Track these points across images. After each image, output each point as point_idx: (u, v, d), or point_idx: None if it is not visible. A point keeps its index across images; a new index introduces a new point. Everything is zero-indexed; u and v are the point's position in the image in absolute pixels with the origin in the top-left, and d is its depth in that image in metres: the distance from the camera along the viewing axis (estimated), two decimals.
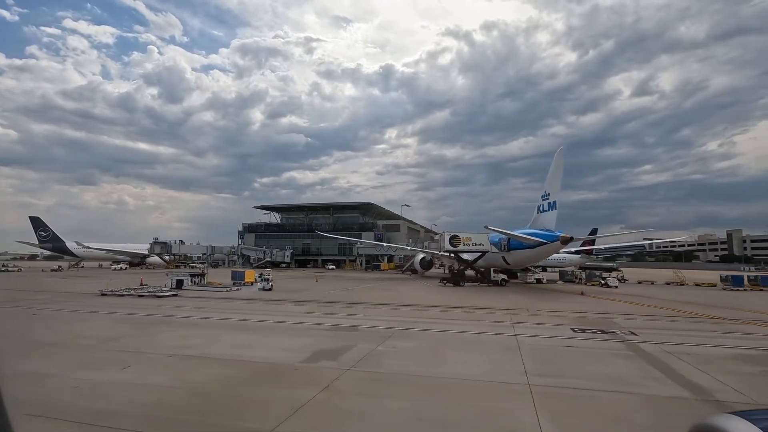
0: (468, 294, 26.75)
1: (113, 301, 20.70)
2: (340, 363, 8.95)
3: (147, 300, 21.17)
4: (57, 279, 39.52)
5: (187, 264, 76.45)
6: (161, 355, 9.43)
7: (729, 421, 1.45)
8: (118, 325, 13.72)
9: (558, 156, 30.39)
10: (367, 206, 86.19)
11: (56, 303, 19.69)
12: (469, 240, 33.57)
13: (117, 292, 23.15)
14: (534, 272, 38.19)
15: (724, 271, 77.56)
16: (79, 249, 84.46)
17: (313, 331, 12.90)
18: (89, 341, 11.08)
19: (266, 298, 22.74)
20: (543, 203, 31.51)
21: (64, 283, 33.44)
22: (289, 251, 74.39)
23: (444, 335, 12.36)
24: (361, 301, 21.73)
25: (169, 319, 14.88)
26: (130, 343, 10.84)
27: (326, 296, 24.57)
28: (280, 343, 10.99)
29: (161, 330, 12.77)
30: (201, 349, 10.11)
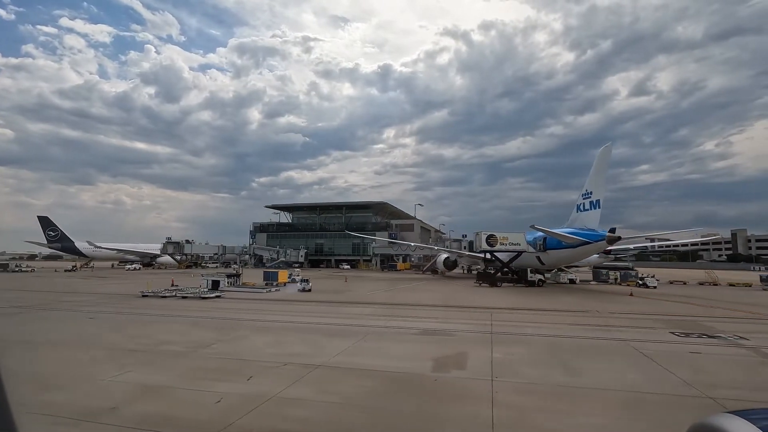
0: (516, 295, 25.97)
1: (160, 302, 19.90)
2: (475, 372, 8.22)
3: (193, 302, 20.36)
4: (78, 280, 38.64)
5: (199, 264, 75.55)
6: (275, 364, 8.65)
7: (728, 421, 1.44)
8: (193, 329, 12.94)
9: (604, 153, 29.57)
10: (380, 206, 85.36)
11: (102, 305, 18.88)
12: (505, 240, 32.85)
13: (159, 294, 22.34)
14: (567, 272, 37.51)
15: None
16: (89, 249, 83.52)
17: (407, 335, 12.13)
18: (177, 347, 10.29)
19: (313, 299, 21.96)
20: (584, 202, 30.78)
21: (91, 284, 32.61)
22: (303, 251, 73.54)
23: (552, 341, 11.58)
24: (417, 303, 20.92)
25: (240, 323, 14.08)
26: (225, 350, 10.04)
27: (372, 297, 23.79)
28: (386, 350, 10.20)
29: (245, 335, 11.97)
30: (312, 357, 9.32)
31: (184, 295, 22.09)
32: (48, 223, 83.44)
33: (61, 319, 14.96)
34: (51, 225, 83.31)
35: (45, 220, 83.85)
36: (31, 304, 18.67)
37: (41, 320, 14.57)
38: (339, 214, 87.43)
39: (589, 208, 30.12)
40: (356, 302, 21.05)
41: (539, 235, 34.34)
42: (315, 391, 7.04)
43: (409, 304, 20.24)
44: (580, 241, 28.77)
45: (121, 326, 13.40)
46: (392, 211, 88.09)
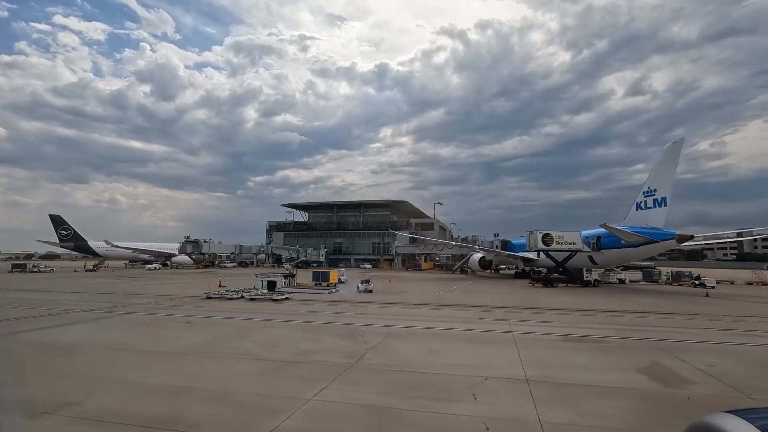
0: (591, 296, 24.84)
1: (235, 305, 18.75)
2: (713, 389, 7.16)
3: (267, 304, 19.21)
4: (112, 280, 37.40)
5: (216, 264, 74.18)
6: (472, 377, 7.56)
7: (726, 420, 1.45)
8: (315, 335, 11.80)
9: (673, 149, 28.40)
10: (399, 204, 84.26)
11: (179, 308, 17.73)
12: (561, 239, 31.84)
13: (225, 296, 21.17)
14: (616, 272, 36.54)
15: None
16: (102, 248, 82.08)
17: (562, 342, 11.06)
18: (332, 357, 9.17)
19: (385, 301, 20.86)
20: (645, 200, 29.79)
21: (136, 285, 31.37)
22: (323, 250, 72.32)
23: (733, 348, 10.53)
24: (504, 305, 19.77)
25: (357, 328, 12.94)
26: (389, 360, 8.91)
27: (444, 299, 22.69)
28: (572, 361, 9.09)
29: (384, 342, 10.79)
30: (497, 368, 8.27)
31: (252, 297, 20.92)
32: (60, 221, 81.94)
33: (160, 324, 13.79)
34: (63, 224, 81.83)
35: (57, 218, 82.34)
36: (101, 308, 17.50)
37: (142, 326, 13.40)
38: (356, 212, 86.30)
39: (653, 206, 29.13)
40: (438, 304, 19.91)
41: (591, 234, 33.42)
42: (575, 413, 5.95)
43: (498, 306, 19.14)
44: (645, 240, 27.80)
45: (237, 332, 12.26)
46: (410, 210, 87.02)
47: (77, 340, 11.08)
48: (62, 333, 12.12)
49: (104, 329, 12.65)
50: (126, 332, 12.14)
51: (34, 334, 11.76)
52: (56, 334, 11.87)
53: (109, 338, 11.21)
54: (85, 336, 11.65)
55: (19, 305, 18.33)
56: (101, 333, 12.05)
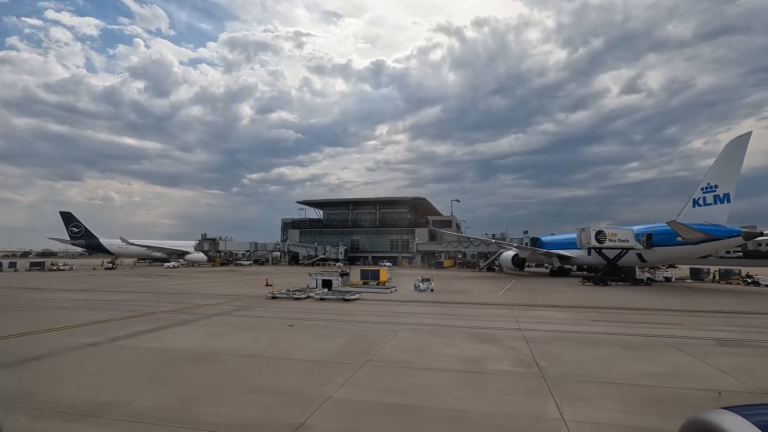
0: (657, 295, 23.99)
1: (309, 306, 17.76)
2: None
3: (345, 305, 18.21)
4: (143, 279, 36.28)
5: (232, 261, 73.05)
6: (695, 391, 6.63)
7: (722, 416, 1.46)
8: (454, 340, 10.81)
9: (738, 143, 27.38)
10: (416, 202, 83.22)
11: (256, 309, 16.72)
12: (614, 236, 30.96)
13: (293, 296, 20.16)
14: (663, 270, 35.81)
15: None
16: (114, 246, 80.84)
17: (724, 348, 10.15)
18: (500, 366, 8.24)
19: (460, 301, 19.90)
20: (704, 196, 28.92)
21: (177, 285, 30.26)
22: (342, 248, 71.21)
23: None
24: (588, 305, 18.88)
25: (480, 331, 12.00)
26: (574, 370, 7.99)
27: (512, 299, 21.76)
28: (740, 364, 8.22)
29: (548, 350, 9.84)
30: (703, 380, 7.34)
31: (321, 297, 19.93)
32: (71, 218, 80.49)
33: (264, 327, 12.77)
34: (74, 221, 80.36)
35: (67, 215, 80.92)
36: (176, 309, 16.48)
37: (247, 329, 12.36)
38: (372, 210, 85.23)
39: (713, 203, 28.28)
40: (522, 305, 18.94)
41: (641, 231, 32.59)
42: None
43: (586, 306, 18.21)
44: (707, 237, 26.96)
45: (364, 337, 11.29)
46: (426, 207, 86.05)
47: (196, 346, 10.05)
48: (169, 338, 11.09)
49: (212, 334, 11.62)
50: (240, 337, 11.11)
51: (140, 340, 10.73)
52: (164, 339, 10.85)
53: (229, 344, 10.17)
54: (199, 341, 10.62)
55: (81, 306, 17.27)
56: (213, 338, 11.02)
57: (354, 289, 22.62)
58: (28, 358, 8.78)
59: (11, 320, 13.85)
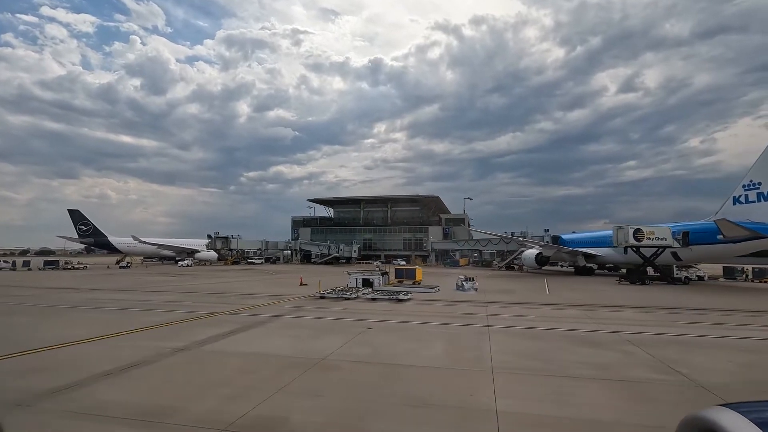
0: (703, 295, 23.55)
1: (372, 306, 17.14)
2: None
3: (402, 305, 17.60)
4: (169, 278, 35.61)
5: (245, 259, 72.38)
6: None
7: (719, 413, 1.46)
8: (557, 343, 10.21)
9: None
10: (429, 200, 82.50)
11: (314, 309, 16.10)
12: (652, 234, 30.41)
13: (343, 295, 19.55)
14: (696, 269, 35.28)
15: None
16: (123, 244, 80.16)
17: None
18: (646, 372, 7.65)
19: (512, 301, 19.30)
20: (746, 193, 28.41)
21: (207, 284, 29.62)
22: (356, 246, 70.61)
23: None
24: (649, 305, 18.33)
25: (577, 334, 11.42)
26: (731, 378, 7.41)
27: (567, 298, 21.19)
28: None
29: (681, 356, 9.28)
30: None
31: (373, 297, 19.33)
32: (79, 217, 79.71)
33: (344, 330, 12.14)
34: (82, 219, 79.59)
35: (76, 213, 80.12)
36: (229, 310, 15.85)
37: (330, 332, 11.74)
38: (384, 208, 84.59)
39: (756, 200, 27.76)
40: (582, 305, 18.38)
41: (677, 229, 32.08)
42: None
43: (649, 307, 17.67)
44: (754, 235, 26.42)
45: (457, 341, 10.70)
46: (438, 205, 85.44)
47: (294, 351, 9.42)
48: (256, 342, 10.46)
49: (296, 337, 10.98)
50: (329, 340, 10.43)
51: (227, 344, 10.10)
52: (252, 344, 10.22)
53: (325, 348, 9.51)
54: (290, 345, 9.99)
55: (131, 307, 16.63)
56: (302, 342, 10.38)
57: (401, 289, 22.01)
58: (126, 365, 8.14)
59: (74, 323, 13.19)
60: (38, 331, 11.70)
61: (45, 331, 11.55)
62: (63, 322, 13.35)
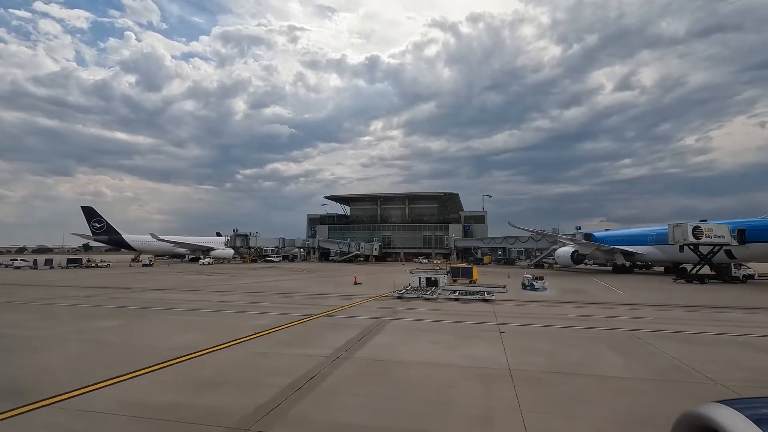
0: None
1: (463, 308, 16.23)
2: None
3: (496, 306, 16.70)
4: (203, 276, 34.64)
5: (263, 258, 71.40)
6: None
7: (716, 410, 1.47)
8: (719, 350, 9.35)
9: None
10: (448, 197, 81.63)
11: (408, 311, 15.18)
12: (710, 232, 29.61)
13: (423, 295, 18.64)
14: (746, 267, 34.53)
15: None
16: (137, 242, 79.21)
17: None
18: None
19: (596, 302, 18.49)
20: None
21: (251, 283, 28.68)
22: (377, 244, 69.71)
23: None
24: (737, 306, 17.55)
25: (719, 337, 10.54)
26: None
27: (644, 298, 20.35)
28: None
29: None
30: None
31: (456, 297, 18.42)
32: (93, 213, 78.44)
33: (477, 334, 11.22)
34: (96, 216, 78.34)
35: (89, 210, 78.85)
36: (319, 313, 14.92)
37: (466, 338, 10.81)
38: (401, 205, 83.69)
39: None
40: (675, 306, 17.54)
41: (732, 226, 31.31)
42: None
43: (735, 308, 16.85)
44: None
45: (613, 345, 9.80)
46: (456, 203, 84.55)
47: (457, 359, 8.49)
48: (399, 350, 9.49)
49: (439, 342, 10.03)
50: (482, 348, 9.49)
51: (371, 352, 9.17)
52: (397, 351, 9.25)
53: (494, 357, 8.60)
54: (444, 353, 9.06)
55: (206, 308, 15.68)
56: (453, 350, 9.44)
57: (478, 288, 20.98)
58: (300, 377, 7.20)
59: (178, 327, 12.20)
60: (150, 337, 10.72)
61: (159, 338, 10.58)
62: (164, 325, 12.37)
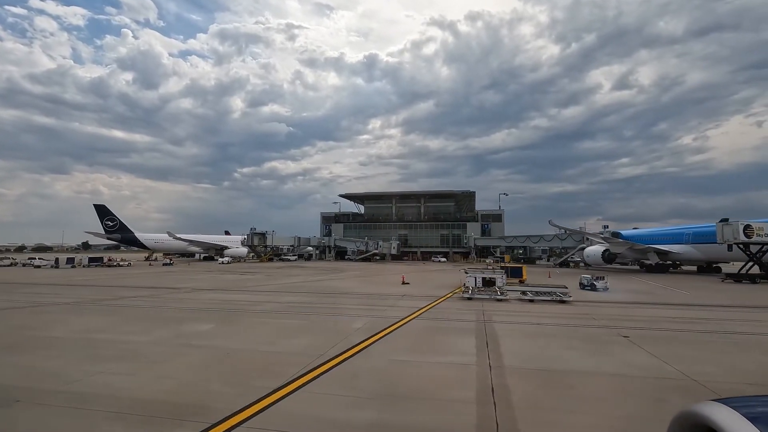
0: None
1: (552, 310, 15.54)
2: None
3: (581, 308, 16.02)
4: (236, 276, 33.93)
5: (279, 256, 70.64)
6: None
7: (712, 408, 1.48)
8: None
9: None
10: (465, 195, 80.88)
11: (501, 313, 14.47)
12: (761, 230, 28.92)
13: (495, 296, 17.94)
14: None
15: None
16: (150, 240, 78.63)
17: None
18: None
19: (672, 302, 17.79)
20: None
21: (295, 283, 27.97)
22: (395, 243, 68.95)
23: None
24: None
25: None
26: None
27: (704, 297, 19.67)
28: None
29: None
30: None
31: (530, 298, 17.74)
32: (105, 212, 77.80)
33: (593, 339, 10.53)
34: (109, 214, 77.70)
35: (102, 208, 78.16)
36: (408, 315, 14.20)
37: (587, 343, 10.11)
38: (416, 204, 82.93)
39: None
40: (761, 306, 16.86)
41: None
42: None
43: None
44: None
45: None
46: (472, 202, 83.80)
47: (621, 368, 7.81)
48: (547, 356, 8.84)
49: (572, 349, 9.36)
50: (618, 354, 8.84)
51: (520, 360, 8.48)
52: (552, 360, 8.59)
53: (648, 365, 7.93)
54: (583, 359, 8.38)
55: (281, 311, 14.96)
56: (598, 356, 8.77)
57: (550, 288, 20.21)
58: (482, 390, 6.50)
59: (279, 331, 11.48)
60: (261, 342, 9.94)
61: (271, 343, 9.84)
62: (261, 329, 11.55)
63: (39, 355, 8.50)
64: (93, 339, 9.89)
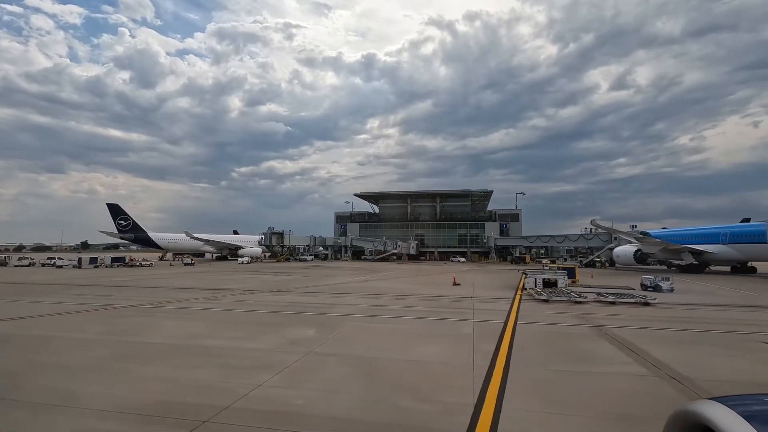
0: None
1: (651, 313, 14.82)
2: None
3: (673, 310, 15.32)
4: (268, 276, 33.19)
5: (295, 256, 69.83)
6: None
7: (709, 407, 1.47)
8: None
9: None
10: (482, 195, 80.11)
11: (613, 318, 13.76)
12: None
13: (574, 298, 17.21)
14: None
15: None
16: (163, 240, 77.80)
17: None
18: None
19: (755, 305, 17.13)
20: None
21: (335, 284, 27.23)
22: (414, 242, 68.19)
23: None
24: None
25: None
26: None
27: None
28: None
29: None
30: None
31: (612, 301, 16.97)
32: (118, 211, 77.01)
33: (729, 344, 9.82)
34: (122, 213, 76.92)
35: (114, 207, 77.34)
36: (494, 319, 13.50)
37: (726, 347, 9.42)
38: (432, 203, 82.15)
39: None
40: None
41: None
42: None
43: None
44: None
45: None
46: (488, 201, 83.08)
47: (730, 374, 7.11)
48: (702, 365, 8.13)
49: (731, 356, 8.66)
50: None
51: None
52: (700, 369, 7.89)
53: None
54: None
55: (357, 314, 14.23)
56: (760, 364, 8.08)
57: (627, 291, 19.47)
58: None
59: (395, 336, 10.74)
60: (391, 350, 9.24)
61: (403, 350, 9.13)
62: (371, 335, 10.84)
63: (168, 364, 7.76)
64: (208, 346, 9.15)
